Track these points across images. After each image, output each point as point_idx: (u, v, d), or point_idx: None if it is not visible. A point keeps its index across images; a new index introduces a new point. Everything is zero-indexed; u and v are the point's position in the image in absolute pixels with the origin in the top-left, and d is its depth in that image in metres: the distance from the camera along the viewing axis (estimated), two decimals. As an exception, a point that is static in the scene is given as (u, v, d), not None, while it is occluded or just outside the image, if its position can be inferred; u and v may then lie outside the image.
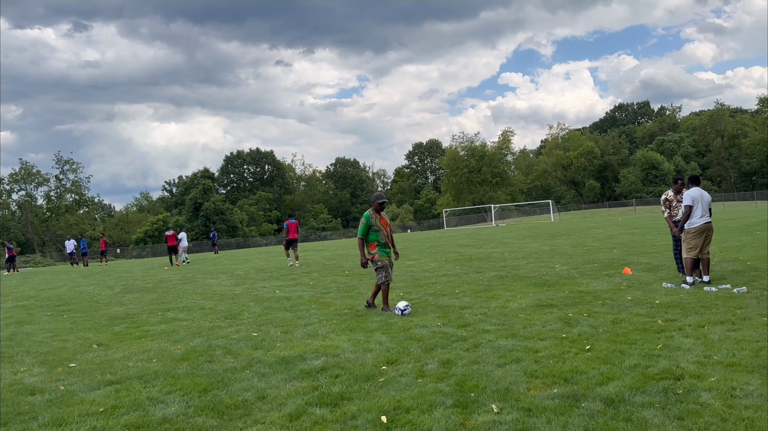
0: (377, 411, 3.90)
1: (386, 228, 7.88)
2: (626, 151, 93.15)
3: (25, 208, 77.95)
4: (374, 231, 7.78)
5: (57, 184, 79.85)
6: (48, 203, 79.93)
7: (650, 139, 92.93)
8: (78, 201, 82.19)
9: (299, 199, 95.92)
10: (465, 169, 77.54)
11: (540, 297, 8.30)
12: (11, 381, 5.32)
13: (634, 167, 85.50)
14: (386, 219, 7.93)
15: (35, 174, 77.94)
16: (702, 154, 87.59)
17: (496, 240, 24.82)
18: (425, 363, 5.10)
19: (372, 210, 7.83)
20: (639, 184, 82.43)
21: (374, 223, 7.77)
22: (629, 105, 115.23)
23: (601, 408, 3.77)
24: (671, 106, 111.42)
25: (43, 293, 14.26)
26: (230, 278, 14.95)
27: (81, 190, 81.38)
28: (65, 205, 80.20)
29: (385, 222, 7.86)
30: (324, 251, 26.95)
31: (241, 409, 4.16)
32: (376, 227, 7.77)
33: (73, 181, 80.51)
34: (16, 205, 78.64)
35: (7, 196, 77.32)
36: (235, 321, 7.95)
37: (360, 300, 9.22)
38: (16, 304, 11.96)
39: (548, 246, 18.26)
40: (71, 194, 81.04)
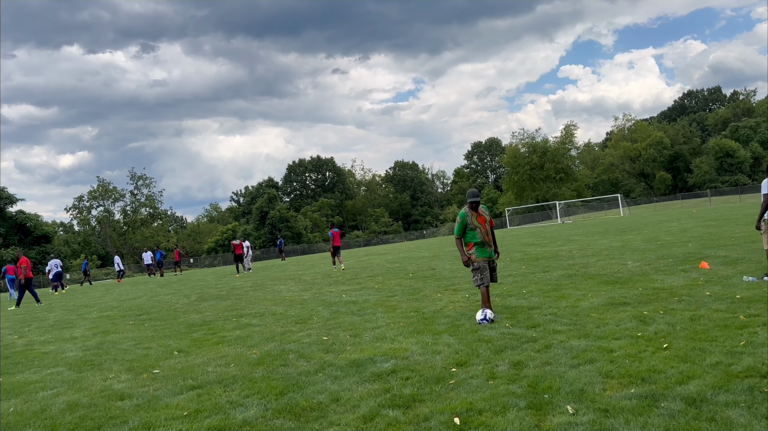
0: (450, 413, 3.93)
1: (484, 225, 7.38)
2: (698, 139, 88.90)
3: (104, 222, 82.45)
4: (470, 230, 7.36)
5: (132, 199, 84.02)
6: (124, 217, 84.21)
7: (723, 125, 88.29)
8: (152, 214, 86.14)
9: (360, 204, 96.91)
10: (527, 166, 76.00)
11: (612, 296, 8.07)
12: (101, 388, 5.66)
13: (707, 156, 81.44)
14: (485, 216, 7.45)
15: (112, 190, 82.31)
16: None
17: (562, 237, 24.24)
18: (496, 364, 5.07)
19: (467, 208, 7.42)
20: (713, 173, 78.47)
21: (470, 222, 7.36)
22: (699, 91, 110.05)
23: (682, 408, 3.65)
24: (745, 90, 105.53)
25: (124, 303, 15.06)
26: (298, 284, 15.30)
27: (154, 203, 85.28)
28: (140, 219, 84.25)
29: (483, 220, 7.39)
30: (387, 254, 27.12)
31: (316, 411, 4.27)
32: (472, 226, 7.34)
33: (147, 195, 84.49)
34: (95, 221, 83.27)
35: (87, 212, 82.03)
36: (306, 326, 8.15)
37: (425, 303, 9.24)
38: (101, 314, 12.69)
39: (619, 242, 17.68)
40: (146, 208, 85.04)
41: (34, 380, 6.32)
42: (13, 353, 8.36)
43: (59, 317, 13.18)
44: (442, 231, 77.27)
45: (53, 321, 12.43)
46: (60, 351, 8.08)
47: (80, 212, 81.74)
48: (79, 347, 8.29)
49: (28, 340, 9.62)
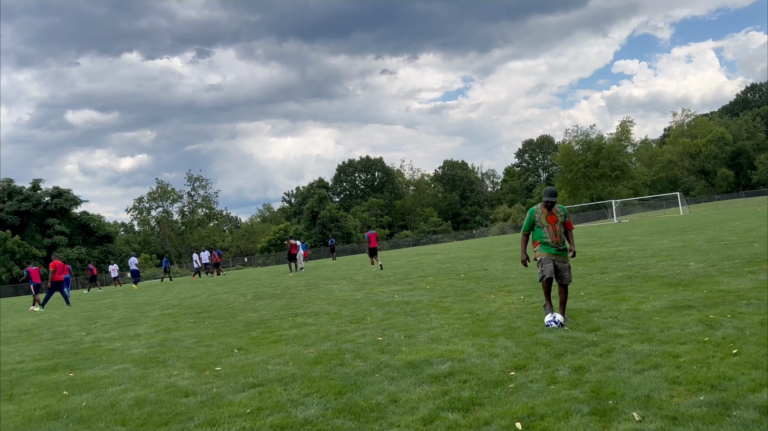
0: (511, 418, 3.89)
1: (554, 226, 7.07)
2: (762, 134, 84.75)
3: (163, 223, 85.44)
4: (538, 227, 7.12)
5: (189, 200, 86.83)
6: (182, 218, 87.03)
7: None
8: (208, 214, 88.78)
9: (409, 204, 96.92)
10: (581, 163, 74.19)
11: (675, 298, 7.80)
12: (167, 384, 5.87)
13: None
14: (558, 216, 7.12)
15: (170, 192, 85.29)
16: None
17: (619, 237, 23.56)
18: (556, 369, 4.99)
19: (540, 205, 7.17)
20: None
21: (538, 219, 7.12)
22: (763, 84, 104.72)
23: (755, 417, 3.50)
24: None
25: (184, 301, 15.57)
26: (350, 283, 15.44)
27: (210, 204, 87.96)
28: (197, 219, 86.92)
29: (554, 220, 7.09)
30: (437, 254, 27.02)
31: (375, 412, 4.31)
32: (540, 223, 7.10)
33: (203, 196, 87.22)
34: (155, 221, 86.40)
35: (147, 213, 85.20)
36: (360, 326, 8.22)
37: (479, 304, 9.17)
38: (163, 312, 13.16)
39: (679, 243, 17.05)
40: (202, 209, 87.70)
41: (103, 376, 6.60)
42: (82, 349, 8.77)
43: (123, 315, 13.74)
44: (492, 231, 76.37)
45: (118, 318, 12.97)
46: (126, 348, 8.43)
47: (140, 213, 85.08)
48: (144, 344, 8.62)
49: (95, 337, 10.07)
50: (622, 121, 76.60)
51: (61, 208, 66.82)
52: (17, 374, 7.23)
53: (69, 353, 8.50)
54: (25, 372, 7.31)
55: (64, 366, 7.45)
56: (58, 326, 12.58)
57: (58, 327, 12.26)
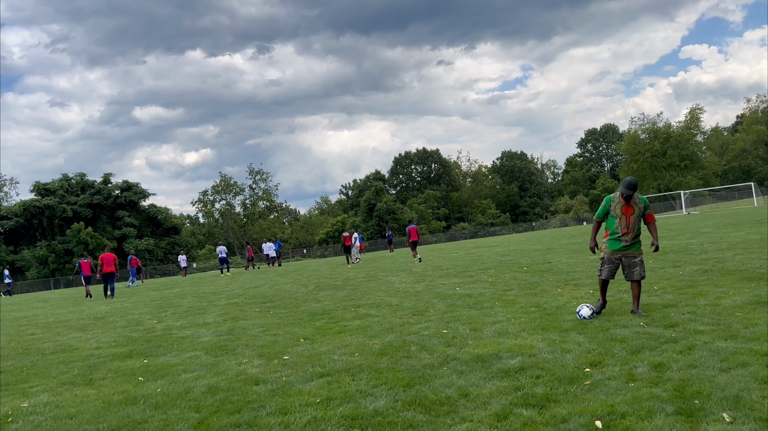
0: (589, 416, 3.74)
1: (629, 218, 6.78)
2: None
3: (226, 215, 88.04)
4: (612, 217, 6.88)
5: (251, 193, 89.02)
6: (244, 210, 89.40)
7: None
8: (269, 207, 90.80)
9: (466, 196, 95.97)
10: (647, 153, 71.25)
11: (758, 293, 7.35)
12: (237, 372, 6.00)
13: None
14: (636, 208, 6.79)
15: (233, 185, 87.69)
16: None
17: (690, 229, 22.51)
18: (634, 366, 4.77)
19: (618, 194, 6.89)
20: None
21: (613, 209, 6.87)
22: None
23: None
24: None
25: (249, 291, 15.96)
26: (409, 275, 15.41)
27: (271, 197, 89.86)
28: (258, 212, 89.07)
29: (630, 211, 6.79)
30: (496, 247, 26.62)
31: (446, 406, 4.24)
32: (614, 213, 6.85)
33: (264, 189, 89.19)
34: (218, 213, 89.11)
35: (211, 205, 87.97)
36: (423, 318, 8.17)
37: (545, 298, 8.93)
38: (229, 302, 13.52)
39: (756, 235, 16.10)
40: (263, 201, 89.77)
41: (175, 363, 6.82)
42: (154, 337, 9.10)
43: (191, 304, 14.21)
44: (553, 224, 74.66)
45: (186, 307, 13.42)
46: (195, 336, 8.69)
47: (205, 205, 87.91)
48: (213, 332, 8.86)
49: (166, 325, 10.44)
50: (691, 108, 73.06)
51: (130, 201, 69.87)
52: (95, 360, 7.57)
53: (142, 340, 8.84)
54: (102, 358, 7.65)
55: (138, 353, 7.75)
56: (130, 314, 13.14)
57: (130, 315, 12.80)
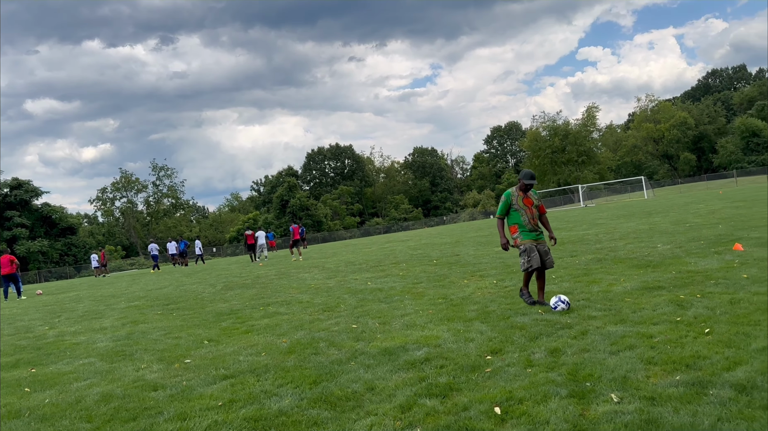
0: (489, 402, 3.84)
1: (531, 209, 6.96)
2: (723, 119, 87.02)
3: (128, 214, 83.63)
4: (514, 211, 6.98)
5: (155, 190, 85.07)
6: (148, 208, 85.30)
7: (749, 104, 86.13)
8: (174, 204, 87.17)
9: (379, 191, 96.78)
10: (548, 149, 75.09)
11: (645, 279, 7.89)
12: (134, 378, 5.67)
13: (733, 136, 79.68)
14: (533, 199, 7.03)
15: (134, 182, 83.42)
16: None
17: (587, 221, 23.90)
18: (532, 352, 4.96)
19: (516, 188, 7.05)
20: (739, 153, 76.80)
21: (515, 203, 6.96)
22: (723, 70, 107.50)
23: (732, 396, 3.52)
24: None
25: (151, 293, 15.21)
26: (322, 272, 15.30)
27: (176, 194, 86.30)
28: (163, 209, 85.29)
29: (530, 203, 6.99)
30: (408, 241, 27.02)
31: (351, 401, 4.22)
32: (516, 206, 6.96)
33: (169, 186, 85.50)
34: (119, 212, 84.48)
35: (110, 203, 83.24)
36: (333, 314, 8.11)
37: (452, 290, 9.14)
38: (129, 305, 12.82)
39: (646, 225, 17.35)
40: (168, 198, 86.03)
41: (67, 371, 6.36)
42: (45, 344, 8.46)
43: (88, 307, 13.35)
44: (462, 218, 76.86)
45: (82, 311, 12.59)
46: (91, 342, 8.15)
47: (104, 204, 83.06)
48: (110, 337, 8.36)
49: (58, 331, 9.73)
50: (587, 106, 77.75)
51: (21, 200, 64.69)
52: (-25, 372, 6.92)
53: (31, 348, 8.19)
54: (-16, 369, 7.00)
55: (26, 362, 7.16)
56: (19, 321, 12.15)
57: (19, 322, 11.83)
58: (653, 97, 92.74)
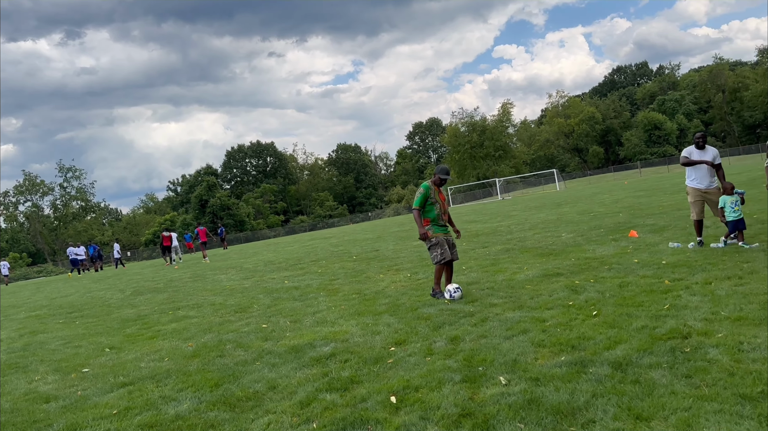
0: (387, 392, 3.92)
1: (443, 204, 7.17)
2: (628, 113, 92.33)
3: (33, 218, 78.45)
4: (430, 204, 7.05)
5: (62, 193, 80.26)
6: (55, 212, 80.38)
7: (651, 99, 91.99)
8: (84, 207, 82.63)
9: (303, 189, 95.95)
10: (467, 144, 77.00)
11: (546, 267, 8.28)
12: (26, 391, 5.37)
13: (637, 129, 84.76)
14: (445, 194, 7.28)
15: (39, 184, 78.37)
16: (704, 111, 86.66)
17: (502, 213, 24.75)
18: (433, 341, 5.11)
19: (432, 182, 7.12)
20: (642, 145, 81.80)
21: (432, 196, 7.05)
22: (627, 67, 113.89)
23: (608, 373, 3.77)
24: (670, 65, 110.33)
25: (55, 301, 14.38)
26: (239, 272, 15.01)
27: (86, 196, 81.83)
28: (72, 213, 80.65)
29: (443, 197, 7.19)
30: (331, 238, 26.98)
31: (252, 401, 4.18)
32: (432, 200, 7.03)
33: (78, 188, 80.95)
34: (23, 217, 79.14)
35: (13, 208, 77.81)
36: (245, 315, 7.99)
37: (367, 285, 9.23)
38: (29, 314, 12.07)
39: (554, 216, 18.19)
40: (77, 201, 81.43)
41: (-49, 388, 5.92)
42: (-71, 361, 7.83)
43: (-17, 320, 12.45)
44: (387, 213, 77.53)
45: (-24, 324, 11.73)
46: (-18, 356, 7.62)
47: (6, 208, 77.43)
48: (4, 350, 7.84)
49: (-53, 347, 9.03)
50: (503, 103, 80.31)
51: None
52: None
53: None
54: None
55: None
56: None
57: None
58: (564, 94, 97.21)
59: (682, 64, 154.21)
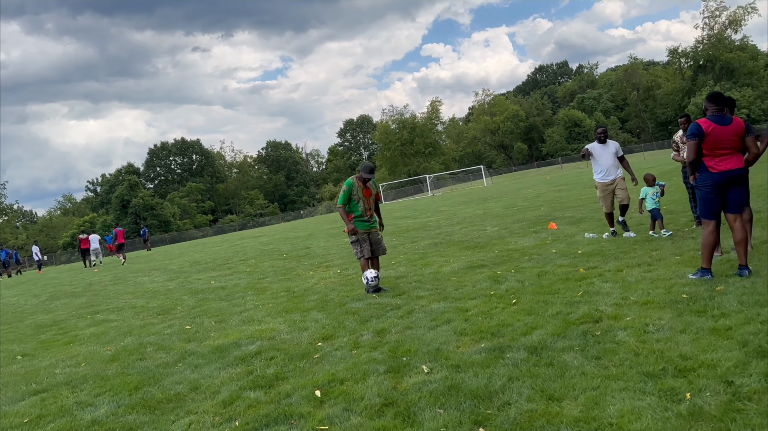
0: (311, 387, 3.93)
1: (369, 200, 7.22)
2: (549, 111, 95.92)
3: (-65, 223, 72.78)
4: (354, 201, 7.15)
5: (-32, 195, 74.86)
6: (-40, 216, 74.93)
7: (571, 97, 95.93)
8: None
9: (232, 187, 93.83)
10: (397, 141, 77.80)
11: (471, 259, 8.52)
12: (-73, 405, 5.00)
13: (558, 126, 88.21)
14: (372, 190, 7.28)
15: (-58, 186, 72.70)
16: (621, 108, 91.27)
17: (432, 209, 25.17)
18: (360, 334, 5.16)
19: (356, 178, 7.23)
20: (563, 142, 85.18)
21: (355, 192, 7.15)
22: (549, 66, 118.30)
23: (524, 357, 3.94)
24: (588, 64, 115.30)
25: (-39, 310, 13.42)
26: (163, 274, 14.54)
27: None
28: (-20, 216, 75.42)
29: (368, 193, 7.24)
30: (261, 237, 26.58)
31: (173, 402, 4.09)
32: (356, 197, 7.14)
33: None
34: (-76, 221, 73.30)
35: None
36: (168, 317, 7.77)
37: (297, 282, 9.18)
38: (-69, 325, 11.22)
39: (481, 210, 18.70)
40: (-15, 204, 76.22)
41: None
42: None
43: None
44: (319, 211, 77.10)
45: None
46: None
47: None
48: None
49: None
50: (432, 101, 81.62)
51: None
52: None
53: None
54: None
55: None
56: None
57: None
58: (489, 92, 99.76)
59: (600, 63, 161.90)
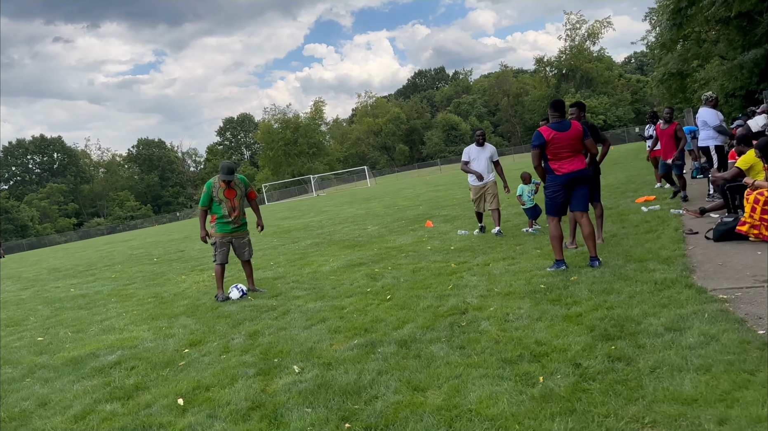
0: (174, 396, 3.71)
1: (233, 200, 6.82)
2: (428, 114, 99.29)
3: None
4: (216, 203, 6.81)
5: None
6: None
7: (448, 102, 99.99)
8: None
9: (99, 188, 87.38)
10: (281, 141, 76.63)
11: (351, 258, 8.55)
12: None
13: (437, 129, 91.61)
14: (237, 190, 6.85)
15: None
16: (493, 113, 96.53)
17: (315, 209, 25.06)
18: (231, 338, 4.97)
19: (217, 178, 6.84)
20: (442, 144, 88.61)
21: (216, 194, 6.79)
22: (427, 71, 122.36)
23: (394, 350, 4.00)
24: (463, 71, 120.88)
25: None
26: (16, 282, 13.21)
27: None
28: None
29: (232, 194, 6.83)
30: (131, 241, 25.02)
31: (17, 421, 3.69)
32: (217, 198, 6.79)
33: None
34: None
35: None
36: (18, 329, 7.04)
37: (167, 287, 8.70)
38: None
39: (363, 210, 18.90)
40: None
41: None
42: None
43: None
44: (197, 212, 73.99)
45: None
46: None
47: None
48: None
49: None
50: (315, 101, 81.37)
51: None
52: None
53: None
54: None
55: None
56: None
57: None
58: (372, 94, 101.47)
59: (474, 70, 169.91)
